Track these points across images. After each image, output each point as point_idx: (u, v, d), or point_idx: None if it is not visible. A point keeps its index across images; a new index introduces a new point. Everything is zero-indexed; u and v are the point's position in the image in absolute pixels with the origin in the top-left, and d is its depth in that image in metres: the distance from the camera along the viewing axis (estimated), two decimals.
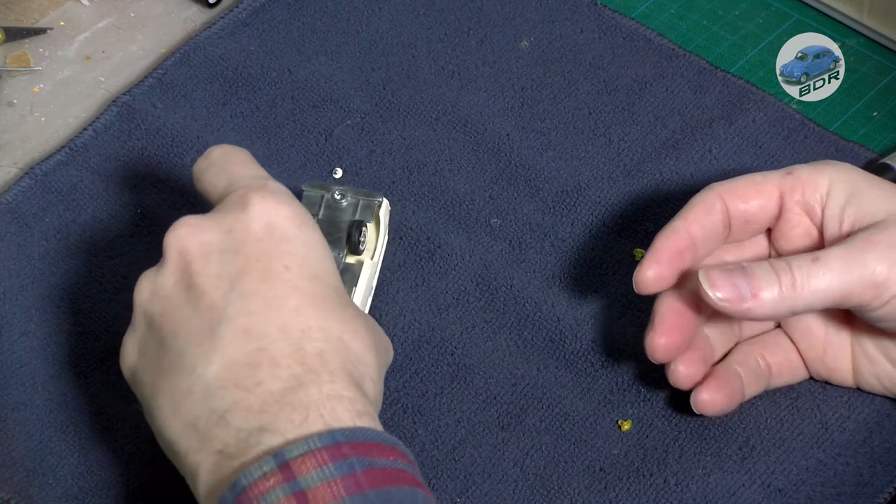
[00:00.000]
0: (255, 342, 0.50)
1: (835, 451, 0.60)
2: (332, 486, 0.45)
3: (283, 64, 0.78)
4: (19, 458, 0.62)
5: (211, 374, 0.49)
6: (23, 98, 0.78)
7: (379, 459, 0.46)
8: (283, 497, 0.45)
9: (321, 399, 0.48)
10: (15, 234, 0.70)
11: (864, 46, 0.77)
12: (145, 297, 0.53)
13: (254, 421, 0.48)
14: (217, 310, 0.50)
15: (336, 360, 0.50)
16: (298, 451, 0.46)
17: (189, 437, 0.49)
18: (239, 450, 0.48)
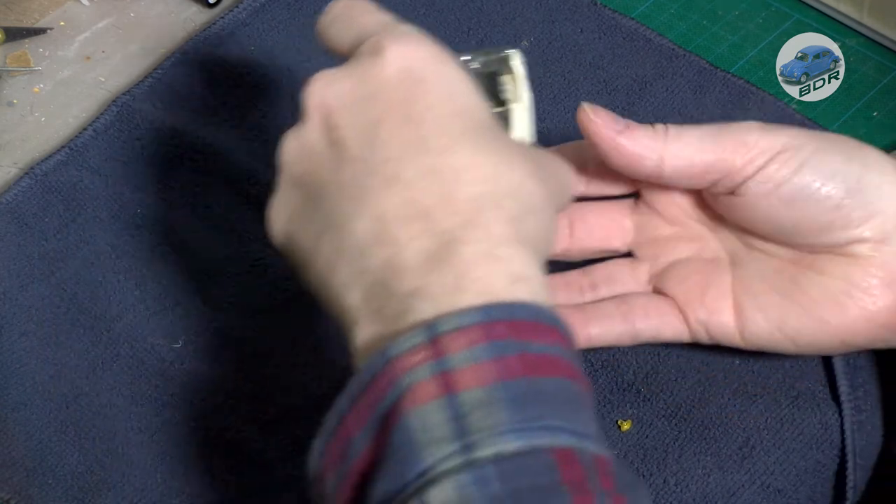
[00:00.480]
0: (405, 191, 0.46)
1: (834, 452, 0.60)
2: (480, 371, 0.42)
3: (283, 64, 0.78)
4: (19, 457, 0.62)
5: (362, 230, 0.46)
6: (23, 98, 0.78)
7: (534, 342, 0.43)
8: (429, 376, 0.42)
9: (475, 259, 0.45)
10: (15, 234, 0.70)
11: (864, 46, 0.77)
12: (289, 157, 0.51)
13: (406, 282, 0.45)
14: (362, 160, 0.48)
15: (490, 202, 0.46)
16: (451, 326, 0.43)
17: (346, 295, 0.47)
18: (393, 313, 0.45)
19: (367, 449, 0.43)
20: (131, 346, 0.66)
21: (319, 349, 0.65)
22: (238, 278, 0.68)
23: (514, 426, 0.41)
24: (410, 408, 0.42)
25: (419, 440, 0.42)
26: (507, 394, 0.42)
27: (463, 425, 0.41)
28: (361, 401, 0.44)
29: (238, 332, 0.66)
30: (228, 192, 0.72)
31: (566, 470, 0.41)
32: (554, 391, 0.43)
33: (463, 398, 0.42)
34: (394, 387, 0.43)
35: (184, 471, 0.62)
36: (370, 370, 0.44)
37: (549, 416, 0.42)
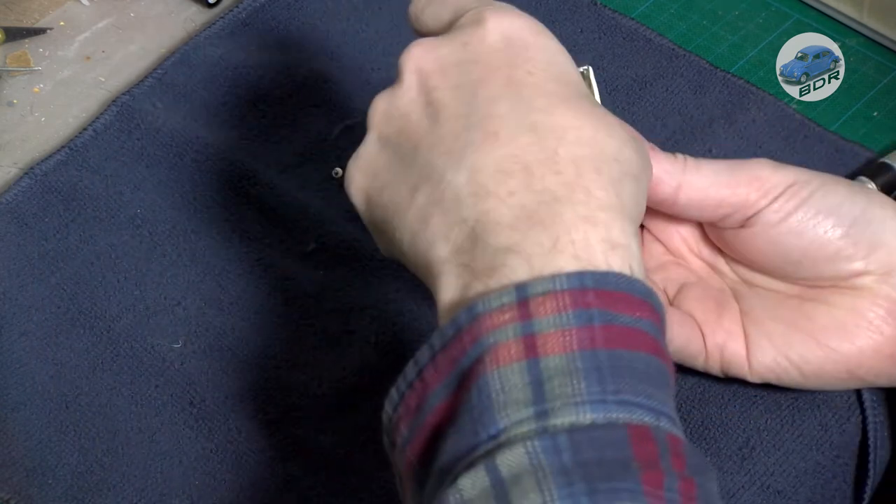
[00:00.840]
0: (505, 146, 0.46)
1: (833, 453, 0.60)
2: (565, 336, 0.42)
3: (283, 64, 0.78)
4: (19, 457, 0.62)
5: (461, 181, 0.46)
6: (23, 98, 0.78)
7: (623, 315, 0.43)
8: (513, 337, 0.42)
9: (574, 221, 0.45)
10: (15, 234, 0.70)
11: (864, 46, 0.77)
12: (380, 117, 0.51)
13: (502, 237, 0.45)
14: (461, 117, 0.48)
15: (591, 165, 0.46)
16: (542, 289, 0.43)
17: (437, 246, 0.47)
18: (484, 268, 0.45)
19: (444, 404, 0.43)
20: (131, 346, 0.66)
21: (319, 349, 0.65)
22: (238, 278, 0.68)
23: (592, 397, 0.41)
24: (492, 367, 0.42)
25: (496, 401, 0.42)
26: (589, 364, 0.42)
27: (542, 391, 0.41)
28: (443, 355, 0.44)
29: (238, 332, 0.66)
30: (228, 192, 0.72)
31: (639, 447, 0.40)
32: (636, 366, 0.42)
33: (545, 363, 0.42)
34: (477, 344, 0.43)
35: (184, 471, 0.62)
36: (455, 325, 0.43)
37: (629, 390, 0.42)
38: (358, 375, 0.64)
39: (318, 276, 0.68)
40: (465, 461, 0.41)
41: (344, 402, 0.64)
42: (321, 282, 0.68)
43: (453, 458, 0.42)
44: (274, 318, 0.67)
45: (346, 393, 0.64)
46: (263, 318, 0.67)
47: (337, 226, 0.70)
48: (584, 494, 0.39)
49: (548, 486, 0.39)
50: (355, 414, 0.63)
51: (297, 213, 0.71)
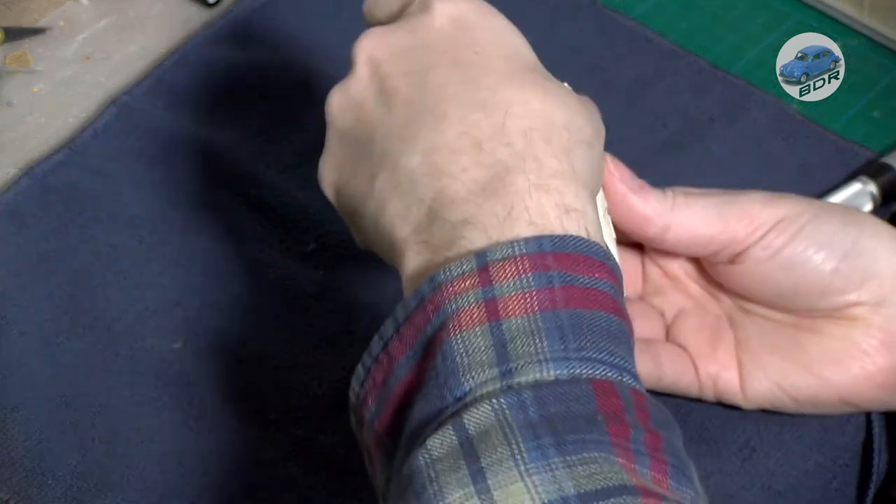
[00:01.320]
0: (455, 126, 0.48)
1: (834, 454, 0.60)
2: (525, 298, 0.43)
3: (283, 64, 0.78)
4: (18, 458, 0.62)
5: (415, 164, 0.48)
6: (22, 98, 0.78)
7: (582, 276, 0.44)
8: (474, 302, 0.43)
9: (527, 189, 0.46)
10: (15, 234, 0.70)
11: (864, 46, 0.77)
12: (336, 111, 0.53)
13: (458, 212, 0.46)
14: (413, 103, 0.49)
15: (540, 135, 0.47)
16: (501, 255, 0.44)
17: (399, 227, 0.48)
18: (443, 242, 0.46)
19: (410, 374, 0.44)
20: (131, 346, 0.66)
21: (319, 349, 0.65)
22: (238, 278, 0.68)
23: (555, 355, 0.42)
24: (455, 332, 0.43)
25: (461, 364, 0.42)
26: (551, 324, 0.42)
27: (505, 352, 0.42)
28: (407, 326, 0.44)
29: (238, 332, 0.66)
30: (228, 192, 0.72)
31: (603, 401, 0.41)
32: (597, 325, 0.43)
33: (507, 325, 0.42)
34: (440, 311, 0.43)
35: (184, 471, 0.61)
36: (418, 296, 0.44)
37: (590, 348, 0.42)
38: None
39: (318, 276, 0.68)
40: (433, 425, 0.42)
41: (344, 402, 0.63)
42: (321, 282, 0.68)
43: (421, 424, 0.42)
44: (274, 318, 0.67)
45: (346, 393, 0.64)
46: (263, 318, 0.67)
47: (337, 226, 0.70)
48: (552, 446, 0.39)
49: (515, 439, 0.40)
50: None
51: (297, 213, 0.71)
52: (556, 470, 0.39)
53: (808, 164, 0.72)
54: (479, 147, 0.47)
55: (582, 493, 0.38)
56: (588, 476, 0.39)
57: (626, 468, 0.39)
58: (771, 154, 0.72)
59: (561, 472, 0.39)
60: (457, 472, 0.39)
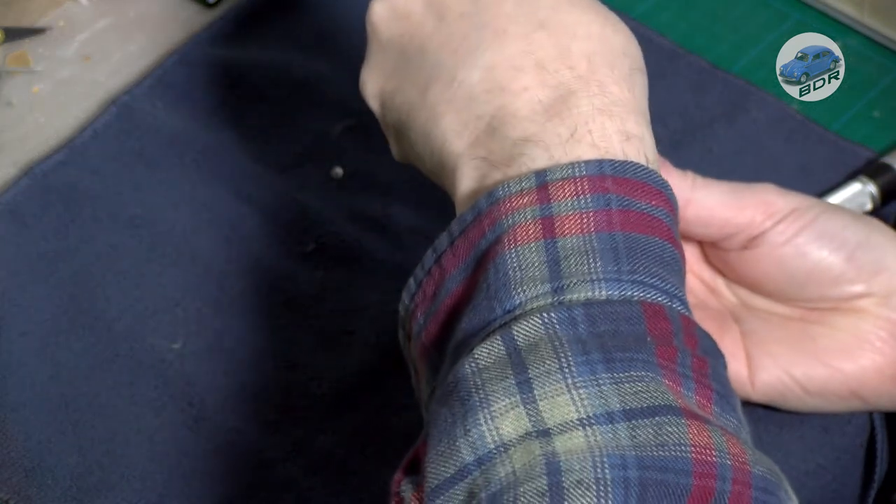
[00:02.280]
0: (517, 43, 0.47)
1: (834, 455, 0.60)
2: (582, 218, 0.43)
3: (283, 64, 0.78)
4: (18, 458, 0.62)
5: (474, 79, 0.47)
6: (22, 98, 0.78)
7: (639, 202, 0.44)
8: (531, 218, 0.43)
9: (591, 112, 0.46)
10: (14, 234, 0.70)
11: (864, 46, 0.77)
12: (379, 20, 0.52)
13: (519, 129, 0.46)
14: (467, 16, 0.49)
15: (602, 60, 0.47)
16: (561, 175, 0.44)
17: (453, 142, 0.48)
18: (503, 158, 0.46)
19: (461, 286, 0.44)
20: (131, 346, 0.66)
21: (319, 349, 0.65)
22: (238, 278, 0.68)
23: (607, 275, 0.42)
24: (510, 246, 0.43)
25: (513, 278, 0.42)
26: (606, 245, 0.42)
27: (558, 269, 0.42)
28: (462, 239, 0.44)
29: (237, 332, 0.66)
30: (228, 192, 0.72)
31: (653, 323, 0.41)
32: (651, 250, 0.43)
33: (562, 243, 0.42)
34: (496, 226, 0.43)
35: (184, 471, 0.61)
36: (475, 210, 0.44)
37: (643, 271, 0.42)
38: (358, 375, 0.64)
39: (318, 276, 0.68)
40: (481, 335, 0.42)
41: (344, 402, 0.64)
42: (321, 282, 0.68)
43: (468, 335, 0.42)
44: (274, 318, 0.67)
45: (346, 393, 0.64)
46: (263, 318, 0.67)
47: (337, 226, 0.70)
48: (601, 362, 0.39)
49: (564, 353, 0.39)
50: (355, 414, 0.63)
51: (297, 213, 0.71)
52: (603, 385, 0.39)
53: (808, 164, 0.72)
54: (543, 67, 0.47)
55: (627, 410, 0.38)
56: (634, 394, 0.39)
57: (673, 390, 0.39)
58: (771, 154, 0.72)
59: (608, 388, 0.39)
60: (503, 381, 0.39)
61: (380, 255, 0.69)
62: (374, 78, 0.53)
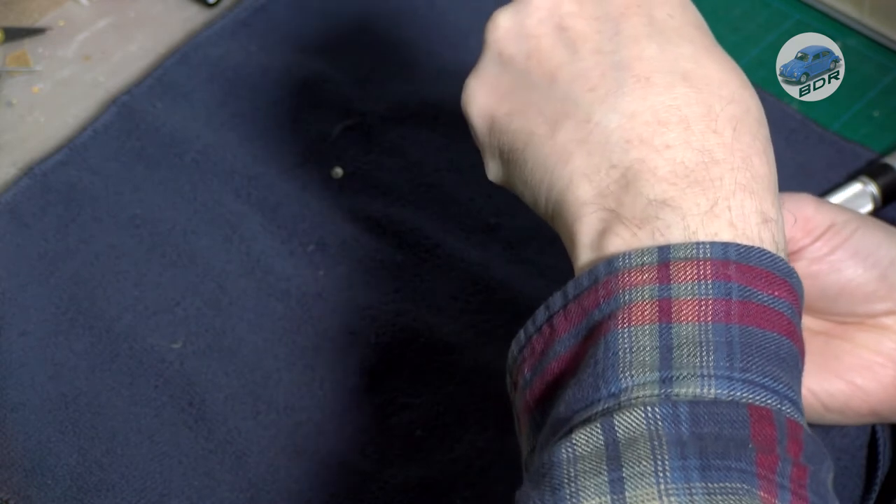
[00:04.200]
0: (661, 94, 0.45)
1: (835, 456, 0.60)
2: (700, 305, 0.41)
3: (283, 64, 0.78)
4: (18, 458, 0.62)
5: (613, 125, 0.45)
6: (22, 98, 0.78)
7: (761, 293, 0.42)
8: (648, 298, 0.41)
9: (733, 187, 0.43)
10: (14, 234, 0.70)
11: (864, 46, 0.77)
12: (504, 35, 0.49)
13: (658, 189, 0.43)
14: (605, 54, 0.46)
15: (746, 128, 0.45)
16: (684, 254, 0.42)
17: (580, 186, 0.45)
18: (634, 216, 0.44)
19: (569, 353, 0.43)
20: (131, 346, 0.66)
21: (319, 349, 0.65)
22: (238, 278, 0.68)
23: (719, 372, 0.41)
24: (623, 325, 0.41)
25: (622, 359, 0.41)
26: (721, 338, 0.41)
27: (669, 357, 0.41)
28: (575, 304, 0.43)
29: (237, 332, 0.66)
30: (229, 193, 0.72)
31: (758, 428, 0.40)
32: (768, 346, 0.41)
33: (677, 330, 0.41)
34: (612, 299, 0.42)
35: (183, 471, 0.61)
36: (592, 276, 0.43)
37: (756, 370, 0.41)
38: (358, 375, 0.64)
39: (318, 276, 0.68)
40: (582, 415, 0.41)
41: (344, 402, 0.64)
42: (321, 282, 0.68)
43: (571, 410, 0.41)
44: (274, 318, 0.67)
45: (345, 393, 0.64)
46: (263, 318, 0.67)
47: (337, 226, 0.70)
48: (697, 469, 0.38)
49: (662, 455, 0.39)
50: (355, 414, 0.63)
51: (297, 213, 0.71)
52: (696, 495, 0.38)
53: (808, 164, 0.72)
54: (688, 126, 0.44)
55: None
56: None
57: (766, 502, 0.38)
58: None
59: (700, 498, 0.38)
60: (596, 477, 0.39)
61: (380, 255, 0.69)
62: (487, 94, 0.49)
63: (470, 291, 0.67)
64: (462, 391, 0.63)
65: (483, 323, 0.66)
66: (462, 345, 0.65)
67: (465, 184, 0.72)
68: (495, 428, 0.62)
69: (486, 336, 0.65)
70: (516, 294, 0.66)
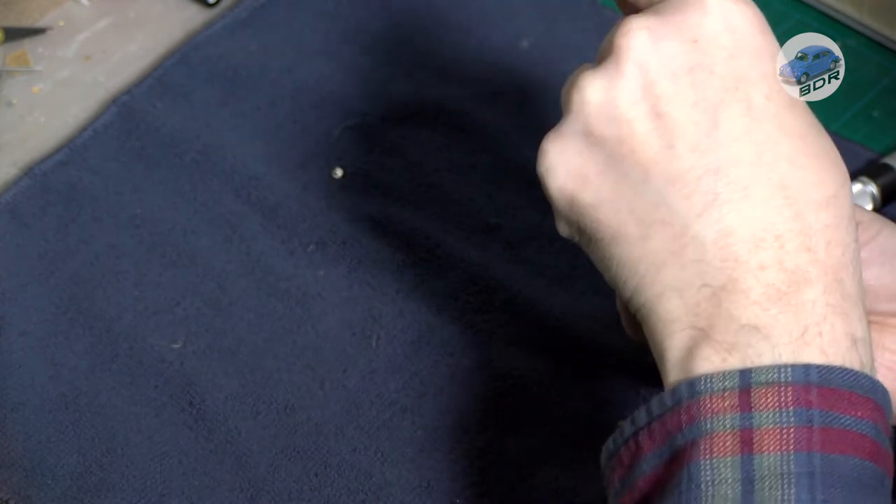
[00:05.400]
0: (757, 208, 0.43)
1: None
2: (782, 434, 0.40)
3: (283, 64, 0.78)
4: (18, 458, 0.62)
5: (709, 239, 0.43)
6: (22, 98, 0.78)
7: (843, 416, 0.41)
8: (730, 429, 0.41)
9: (824, 311, 0.42)
10: (14, 234, 0.70)
11: (864, 46, 0.77)
12: (594, 112, 0.45)
13: (750, 314, 0.42)
14: (701, 153, 0.43)
15: (838, 241, 0.43)
16: (766, 378, 0.41)
17: (669, 300, 0.44)
18: (725, 340, 0.42)
19: (654, 473, 0.43)
20: (131, 346, 0.66)
21: (319, 349, 0.65)
22: (238, 278, 0.68)
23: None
24: (705, 456, 0.41)
25: (705, 493, 0.41)
26: (802, 468, 0.40)
27: (751, 491, 0.40)
28: (659, 423, 0.43)
29: (237, 332, 0.66)
30: (229, 193, 0.72)
31: None
32: (850, 474, 0.41)
33: (759, 461, 0.41)
34: (694, 426, 0.42)
35: (183, 471, 0.61)
36: (675, 397, 0.42)
37: (839, 501, 0.41)
38: (358, 375, 0.64)
39: (319, 276, 0.68)
40: None
41: (344, 402, 0.64)
42: (321, 282, 0.68)
43: None
44: (274, 318, 0.67)
45: (346, 393, 0.64)
46: (263, 318, 0.67)
47: (337, 226, 0.70)
48: None
49: None
50: (355, 414, 0.63)
51: (297, 213, 0.71)
52: None
53: None
54: (783, 245, 0.43)
55: None
56: None
57: None
58: None
59: None
60: None
61: (380, 255, 0.69)
62: (569, 171, 0.46)
63: (470, 291, 0.67)
64: (462, 391, 0.63)
65: (483, 323, 0.66)
66: (462, 345, 0.65)
67: (465, 184, 0.72)
68: (495, 428, 0.62)
69: (486, 336, 0.65)
70: (516, 294, 0.66)
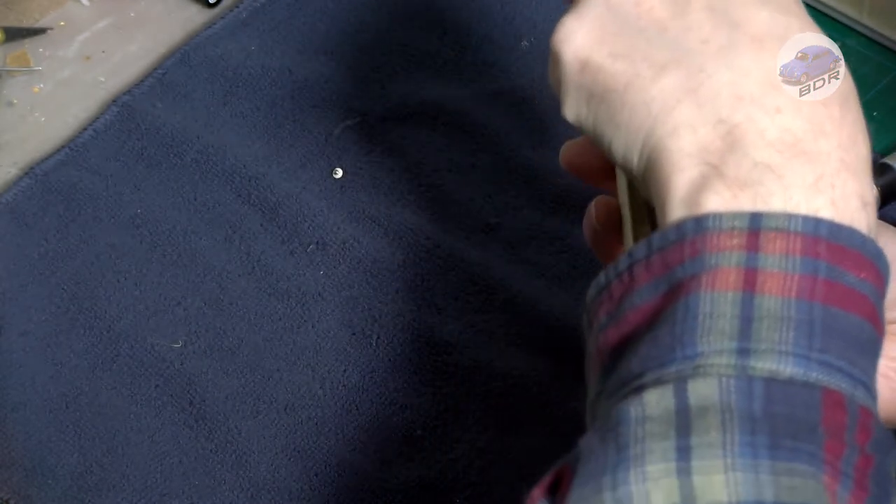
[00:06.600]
0: (773, 58, 0.44)
1: None
2: (786, 280, 0.41)
3: (283, 64, 0.78)
4: (18, 457, 0.62)
5: (724, 80, 0.44)
6: (23, 98, 0.78)
7: (848, 274, 0.41)
8: (735, 265, 0.41)
9: (839, 166, 0.43)
10: (15, 234, 0.71)
11: (864, 46, 0.77)
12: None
13: (765, 154, 0.43)
14: (717, 11, 0.45)
15: (852, 103, 0.45)
16: (776, 224, 0.41)
17: (682, 137, 0.44)
18: (737, 176, 0.43)
19: (648, 305, 0.43)
20: (131, 346, 0.66)
21: (319, 349, 0.65)
22: (238, 278, 0.68)
23: (797, 350, 0.40)
24: (706, 289, 0.41)
25: (702, 324, 0.41)
26: (803, 315, 0.41)
27: (749, 328, 0.40)
28: (659, 256, 0.43)
29: (238, 332, 0.66)
30: (229, 193, 0.72)
31: (829, 413, 0.40)
32: (848, 329, 0.41)
33: (759, 301, 0.41)
34: (697, 259, 0.42)
35: (184, 471, 0.62)
36: (679, 232, 0.42)
37: (834, 352, 0.41)
38: (358, 375, 0.64)
39: (318, 276, 0.68)
40: (655, 375, 0.41)
41: (344, 402, 0.64)
42: (321, 282, 0.68)
43: (643, 367, 0.41)
44: (274, 318, 0.67)
45: (346, 393, 0.64)
46: (263, 318, 0.67)
47: (337, 226, 0.70)
48: (765, 447, 0.38)
49: (732, 428, 0.38)
50: (355, 414, 0.63)
51: (298, 213, 0.71)
52: (762, 473, 0.38)
53: None
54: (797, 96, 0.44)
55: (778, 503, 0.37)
56: (790, 488, 0.38)
57: (829, 489, 0.38)
58: None
59: (765, 477, 0.38)
60: (663, 441, 0.39)
61: (380, 255, 0.69)
62: (587, 34, 0.47)
63: (470, 291, 0.67)
64: (462, 391, 0.63)
65: (483, 323, 0.66)
66: (462, 345, 0.65)
67: (465, 184, 0.72)
68: (495, 428, 0.62)
69: (486, 336, 0.65)
70: (516, 294, 0.66)
